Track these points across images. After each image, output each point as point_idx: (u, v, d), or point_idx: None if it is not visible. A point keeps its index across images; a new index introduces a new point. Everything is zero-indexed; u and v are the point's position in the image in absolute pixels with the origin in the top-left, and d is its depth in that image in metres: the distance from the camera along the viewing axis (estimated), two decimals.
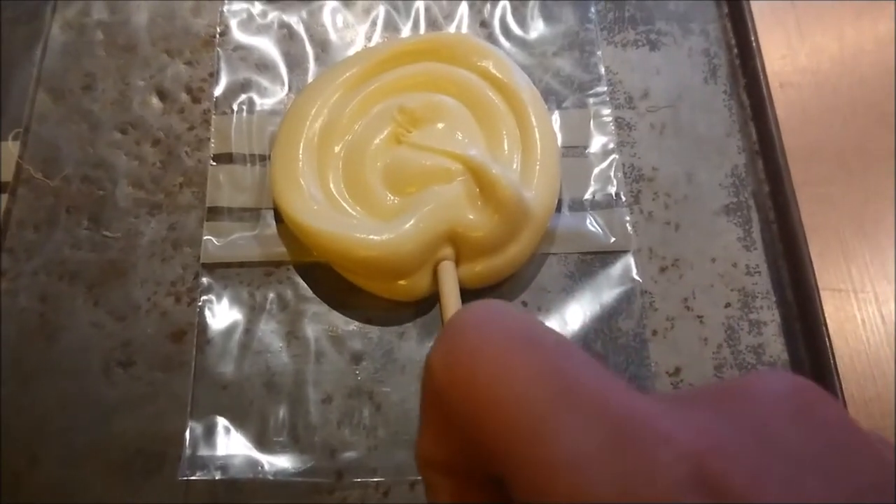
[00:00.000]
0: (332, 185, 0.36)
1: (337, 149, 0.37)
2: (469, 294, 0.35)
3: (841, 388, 0.34)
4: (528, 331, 0.16)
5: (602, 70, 0.41)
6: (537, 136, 0.37)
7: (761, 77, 0.40)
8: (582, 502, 0.13)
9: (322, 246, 0.34)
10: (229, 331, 0.35)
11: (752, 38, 0.41)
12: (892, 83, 0.42)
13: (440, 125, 0.37)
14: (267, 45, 0.41)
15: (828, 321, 0.35)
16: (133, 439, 0.33)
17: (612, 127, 0.40)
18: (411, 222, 0.33)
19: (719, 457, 0.14)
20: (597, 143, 0.39)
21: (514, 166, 0.36)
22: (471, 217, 0.34)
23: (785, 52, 0.42)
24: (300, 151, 0.36)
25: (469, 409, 0.16)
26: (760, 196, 0.38)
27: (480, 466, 0.17)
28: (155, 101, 0.40)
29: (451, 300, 0.33)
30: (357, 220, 0.35)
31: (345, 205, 0.35)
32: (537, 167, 0.36)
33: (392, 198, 0.35)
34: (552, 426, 0.14)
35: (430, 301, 0.35)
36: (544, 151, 0.36)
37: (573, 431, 0.14)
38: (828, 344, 0.34)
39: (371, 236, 0.33)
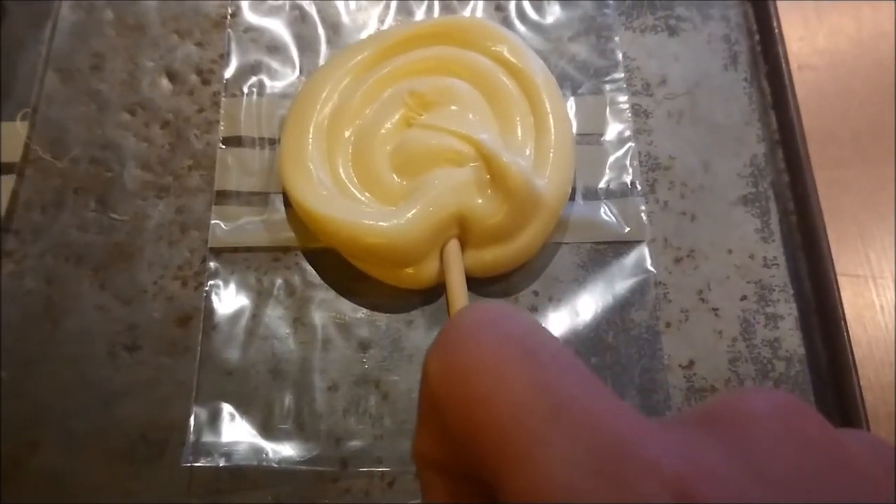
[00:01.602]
0: (341, 171, 0.35)
1: (347, 133, 0.36)
2: (479, 283, 0.35)
3: (859, 382, 0.33)
4: (527, 340, 0.16)
5: (619, 56, 0.40)
6: (551, 122, 0.36)
7: (783, 65, 0.39)
8: None
9: (329, 232, 0.33)
10: (236, 316, 0.34)
11: (775, 24, 0.40)
12: None
13: (452, 108, 0.36)
14: (278, 27, 0.40)
15: (846, 308, 0.34)
16: (136, 425, 0.33)
17: (628, 114, 0.39)
18: (418, 207, 0.33)
19: (705, 484, 0.13)
20: (612, 130, 0.38)
21: (527, 153, 0.35)
22: (480, 204, 0.33)
23: (803, 34, 0.41)
24: (310, 136, 0.36)
25: (462, 419, 0.15)
26: (779, 186, 0.38)
27: (473, 470, 0.16)
28: (164, 82, 0.39)
29: (455, 276, 0.32)
30: (364, 206, 0.34)
31: (353, 190, 0.35)
32: (551, 155, 0.35)
33: (401, 181, 0.35)
34: (542, 445, 0.14)
35: (439, 289, 0.34)
36: (558, 138, 0.36)
37: (562, 453, 0.14)
38: (846, 340, 0.34)
39: (378, 223, 0.33)
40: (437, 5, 0.41)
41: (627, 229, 0.36)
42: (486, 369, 0.15)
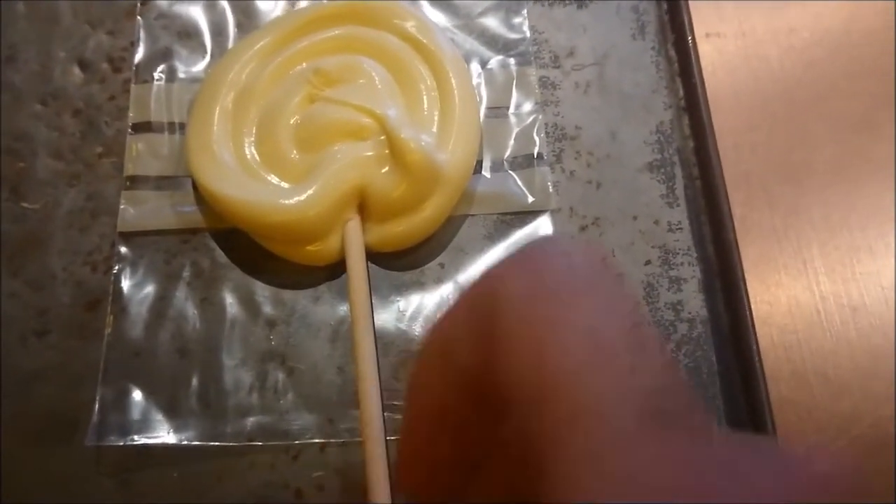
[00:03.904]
0: (246, 151, 0.36)
1: (252, 114, 0.36)
2: (386, 256, 0.35)
3: (757, 342, 0.33)
4: (630, 318, 0.15)
5: (527, 29, 0.40)
6: (456, 98, 0.36)
7: (688, 33, 0.39)
8: None
9: (232, 213, 0.34)
10: (144, 298, 0.35)
11: None
12: (819, 30, 0.41)
13: (358, 82, 0.36)
14: (189, 13, 0.41)
15: (750, 269, 0.35)
16: (46, 408, 0.33)
17: (535, 87, 0.39)
18: (319, 184, 0.33)
19: None
20: (520, 103, 0.39)
21: (433, 129, 0.36)
22: (381, 178, 0.34)
23: (712, 3, 0.41)
24: (215, 118, 0.36)
25: (534, 355, 0.15)
26: (685, 152, 0.38)
27: (496, 385, 0.16)
28: (76, 71, 0.40)
29: (355, 256, 0.33)
30: (267, 186, 0.34)
31: (258, 170, 0.35)
32: (454, 130, 0.35)
33: (304, 157, 0.35)
34: (635, 447, 0.14)
35: (344, 263, 0.35)
36: (463, 113, 0.36)
37: (659, 456, 0.14)
38: (746, 301, 0.34)
39: (279, 201, 0.33)
40: None
41: (532, 199, 0.37)
42: (578, 332, 0.15)
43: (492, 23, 0.41)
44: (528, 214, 0.36)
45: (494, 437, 0.19)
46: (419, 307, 0.35)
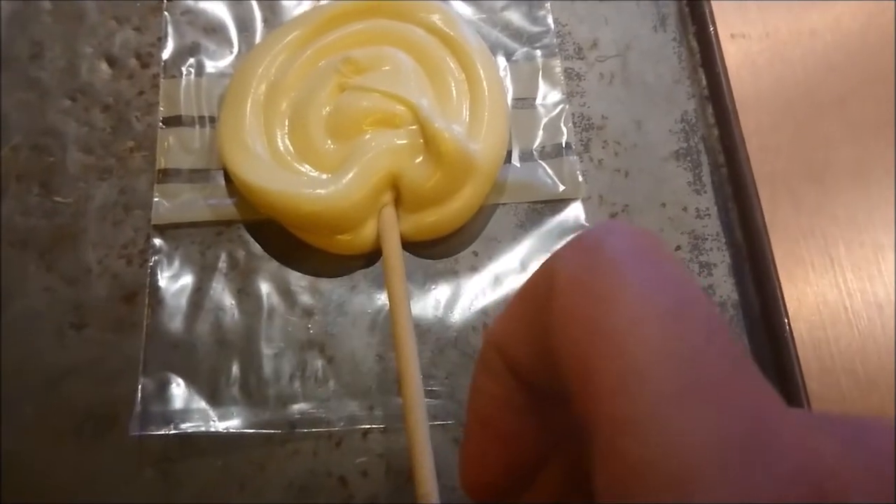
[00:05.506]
0: (279, 143, 0.36)
1: (283, 106, 0.37)
2: (420, 245, 0.35)
3: (790, 329, 0.34)
4: (681, 291, 0.15)
5: (551, 22, 0.41)
6: (485, 89, 0.37)
7: (709, 23, 0.40)
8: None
9: (267, 203, 0.34)
10: (181, 291, 0.35)
11: None
12: (841, 34, 0.42)
13: (386, 68, 0.37)
14: (215, 8, 0.41)
15: (777, 266, 0.35)
16: (85, 401, 0.33)
17: (561, 78, 0.40)
18: (354, 172, 0.33)
19: (842, 483, 0.13)
20: (546, 94, 0.39)
21: (463, 118, 0.36)
22: (415, 168, 0.34)
23: (736, 4, 0.42)
24: (247, 111, 0.36)
25: (582, 331, 0.15)
26: (710, 140, 0.39)
27: (553, 380, 0.16)
28: (104, 67, 0.40)
29: (392, 244, 0.33)
30: (301, 176, 0.35)
31: (291, 161, 0.35)
32: (485, 120, 0.36)
33: (336, 147, 0.35)
34: (669, 403, 0.13)
35: (380, 251, 0.35)
36: (492, 104, 0.36)
37: (688, 415, 0.13)
38: (776, 283, 0.35)
39: (315, 191, 0.33)
40: None
41: (563, 188, 0.37)
42: (629, 302, 0.15)
43: (515, 16, 0.41)
44: (558, 202, 0.37)
45: (553, 438, 0.19)
46: (454, 295, 0.35)
